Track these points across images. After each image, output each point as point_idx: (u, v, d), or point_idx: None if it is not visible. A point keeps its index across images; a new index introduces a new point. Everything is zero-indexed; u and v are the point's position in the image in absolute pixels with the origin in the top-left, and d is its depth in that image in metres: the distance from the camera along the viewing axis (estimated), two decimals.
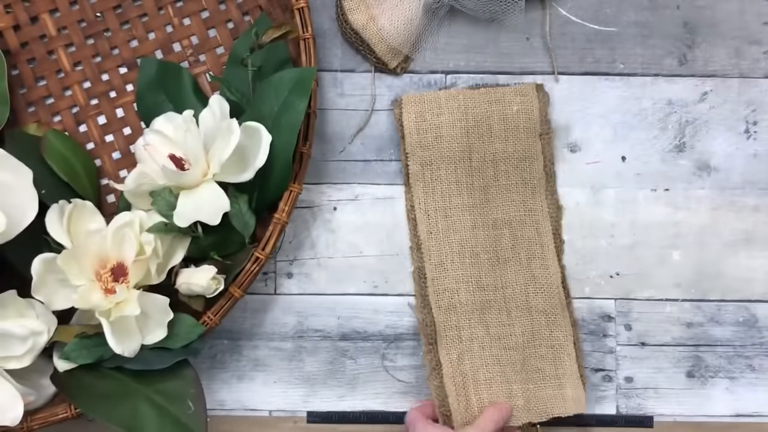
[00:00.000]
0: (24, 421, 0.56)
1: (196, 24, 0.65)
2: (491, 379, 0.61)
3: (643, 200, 0.65)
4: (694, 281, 0.65)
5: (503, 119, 0.63)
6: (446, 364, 0.62)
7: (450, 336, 0.62)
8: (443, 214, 0.63)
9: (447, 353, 0.62)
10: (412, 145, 0.63)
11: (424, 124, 0.63)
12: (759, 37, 0.65)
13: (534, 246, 0.63)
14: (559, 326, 0.63)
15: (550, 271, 0.63)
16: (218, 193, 0.55)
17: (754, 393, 0.65)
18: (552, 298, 0.63)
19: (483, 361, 0.62)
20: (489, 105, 0.63)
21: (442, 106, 0.63)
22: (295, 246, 0.65)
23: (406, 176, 0.64)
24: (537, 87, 0.64)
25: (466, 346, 0.62)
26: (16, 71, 0.64)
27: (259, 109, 0.57)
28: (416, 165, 0.63)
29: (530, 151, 0.63)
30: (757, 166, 0.65)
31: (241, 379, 0.64)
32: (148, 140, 0.56)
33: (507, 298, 0.63)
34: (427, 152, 0.63)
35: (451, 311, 0.62)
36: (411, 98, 0.63)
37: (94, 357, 0.56)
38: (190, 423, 0.55)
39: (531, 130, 0.63)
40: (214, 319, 0.58)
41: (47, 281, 0.54)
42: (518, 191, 0.64)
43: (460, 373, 0.61)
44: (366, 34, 0.63)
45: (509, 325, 0.63)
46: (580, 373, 0.63)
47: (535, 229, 0.64)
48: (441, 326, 0.62)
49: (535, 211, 0.64)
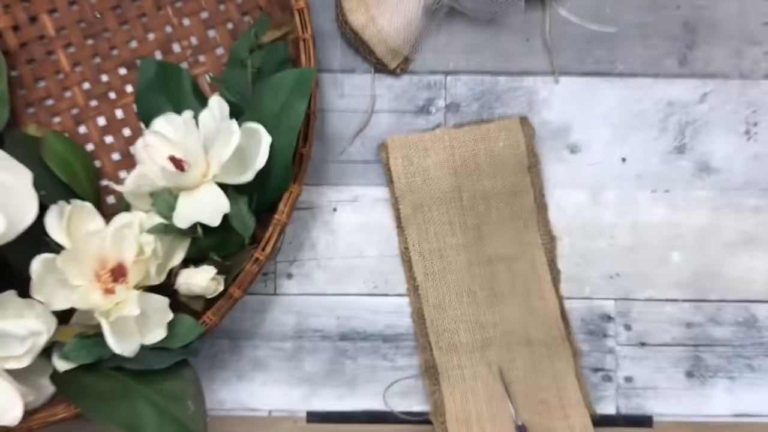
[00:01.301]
0: (23, 421, 0.56)
1: (195, 24, 0.64)
2: (495, 415, 0.61)
3: (643, 201, 0.65)
4: (693, 281, 0.65)
5: (490, 156, 0.63)
6: (450, 404, 0.62)
7: (453, 376, 0.62)
8: (438, 255, 0.63)
9: (450, 394, 0.62)
10: (402, 190, 0.63)
11: (411, 167, 0.63)
12: (759, 37, 0.65)
13: (530, 279, 0.63)
14: (560, 357, 0.63)
15: (548, 303, 0.63)
16: (218, 194, 0.55)
17: (753, 393, 0.65)
18: (552, 329, 0.63)
19: (487, 397, 0.62)
20: (475, 143, 0.63)
21: (428, 148, 0.63)
22: (295, 247, 0.65)
23: (398, 219, 0.64)
24: (521, 120, 0.64)
25: (470, 385, 0.62)
26: (16, 72, 0.64)
27: (258, 110, 0.57)
28: (407, 208, 0.63)
29: (520, 186, 0.63)
30: (758, 167, 0.65)
31: (240, 379, 0.64)
32: (148, 141, 0.56)
33: (507, 333, 0.63)
34: (417, 195, 0.63)
35: (452, 352, 0.62)
36: (396, 141, 0.63)
37: (94, 357, 0.56)
38: (190, 423, 0.55)
39: (519, 164, 0.63)
40: (213, 320, 0.58)
41: (47, 281, 0.54)
42: (511, 226, 0.64)
43: (463, 411, 0.62)
44: (366, 34, 0.63)
45: (510, 360, 0.63)
46: (585, 403, 0.63)
47: (530, 262, 0.64)
48: (443, 367, 0.62)
49: (529, 244, 0.64)
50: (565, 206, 0.65)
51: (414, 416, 0.63)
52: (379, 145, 0.64)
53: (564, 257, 0.65)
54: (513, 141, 0.63)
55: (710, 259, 0.65)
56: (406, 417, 0.63)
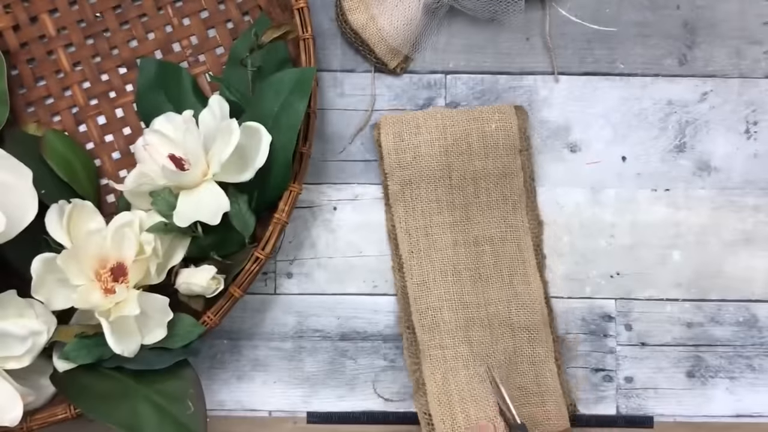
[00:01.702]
0: (24, 422, 0.56)
1: (195, 24, 0.65)
2: (477, 397, 0.61)
3: (643, 200, 0.65)
4: (694, 281, 0.65)
5: (482, 137, 0.62)
6: (431, 384, 0.61)
7: (434, 356, 0.62)
8: (424, 232, 0.63)
9: (432, 373, 0.62)
10: (391, 166, 0.63)
11: (402, 143, 0.62)
12: (759, 37, 0.65)
13: (515, 262, 0.63)
14: (541, 342, 0.63)
15: (532, 287, 0.63)
16: (218, 193, 0.55)
17: (754, 393, 0.65)
18: (535, 314, 0.63)
19: (468, 379, 0.61)
20: (468, 123, 0.63)
21: (420, 125, 0.63)
22: (295, 246, 0.65)
23: (386, 197, 0.64)
24: (516, 107, 0.64)
25: (451, 365, 0.62)
26: (16, 71, 0.64)
27: (258, 109, 0.57)
28: (396, 185, 0.63)
29: (510, 168, 0.63)
30: (758, 166, 0.65)
31: (240, 379, 0.64)
32: (148, 140, 0.56)
33: (490, 315, 0.63)
34: (407, 172, 0.63)
35: (435, 330, 0.62)
36: (389, 119, 0.63)
37: (94, 357, 0.56)
38: (190, 423, 0.55)
39: (510, 146, 0.63)
40: (214, 319, 0.57)
41: (47, 281, 0.54)
42: (499, 208, 0.63)
43: (445, 392, 0.61)
44: (366, 34, 0.63)
45: (492, 343, 0.62)
46: (562, 390, 0.63)
47: (517, 245, 0.63)
48: (425, 346, 0.62)
49: (516, 228, 0.64)
50: (565, 205, 0.65)
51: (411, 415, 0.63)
52: (373, 125, 0.64)
53: (564, 256, 0.65)
54: (506, 123, 0.63)
55: (710, 259, 0.65)
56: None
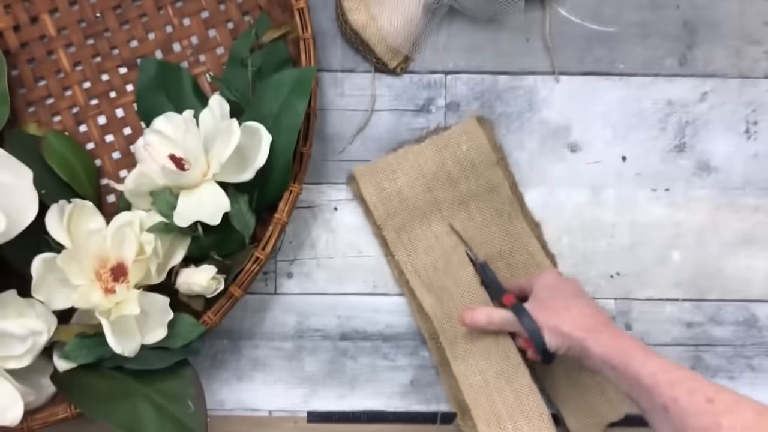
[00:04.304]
0: (24, 421, 0.56)
1: (195, 24, 0.65)
2: (526, 411, 0.60)
3: (643, 200, 0.65)
4: (694, 281, 0.65)
5: (457, 161, 0.63)
6: (477, 410, 0.60)
7: (474, 383, 0.61)
8: (432, 268, 0.63)
9: (475, 400, 0.60)
10: (381, 217, 0.63)
11: (384, 193, 0.63)
12: (759, 37, 0.65)
13: (531, 268, 0.64)
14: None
15: None
16: (218, 193, 0.55)
17: (754, 393, 0.64)
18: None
19: (515, 395, 0.60)
20: (439, 153, 0.63)
21: (395, 170, 0.63)
22: (296, 246, 0.65)
23: (385, 246, 0.64)
24: (478, 119, 0.64)
25: (494, 386, 0.61)
26: (16, 71, 0.64)
27: (259, 109, 0.57)
28: (391, 233, 0.63)
29: (493, 181, 0.63)
30: (757, 166, 0.65)
31: (241, 378, 0.64)
32: (148, 140, 0.56)
33: None
34: (398, 218, 0.63)
35: (468, 357, 0.61)
36: (362, 170, 0.63)
37: (94, 357, 0.56)
38: (190, 423, 0.55)
39: (486, 161, 0.63)
40: (214, 319, 0.58)
41: (47, 281, 0.54)
42: (496, 223, 0.64)
43: (493, 413, 0.60)
44: (366, 34, 0.63)
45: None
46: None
47: (526, 251, 0.64)
48: (462, 376, 0.61)
49: (519, 236, 0.64)
50: (565, 205, 0.65)
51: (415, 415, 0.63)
52: (348, 178, 0.64)
53: (564, 257, 0.65)
54: (475, 141, 0.63)
55: (710, 259, 0.65)
56: None
